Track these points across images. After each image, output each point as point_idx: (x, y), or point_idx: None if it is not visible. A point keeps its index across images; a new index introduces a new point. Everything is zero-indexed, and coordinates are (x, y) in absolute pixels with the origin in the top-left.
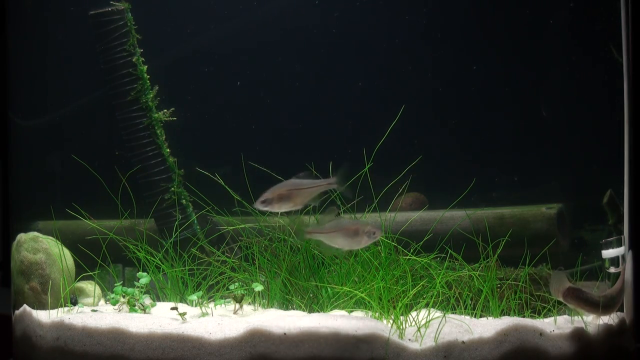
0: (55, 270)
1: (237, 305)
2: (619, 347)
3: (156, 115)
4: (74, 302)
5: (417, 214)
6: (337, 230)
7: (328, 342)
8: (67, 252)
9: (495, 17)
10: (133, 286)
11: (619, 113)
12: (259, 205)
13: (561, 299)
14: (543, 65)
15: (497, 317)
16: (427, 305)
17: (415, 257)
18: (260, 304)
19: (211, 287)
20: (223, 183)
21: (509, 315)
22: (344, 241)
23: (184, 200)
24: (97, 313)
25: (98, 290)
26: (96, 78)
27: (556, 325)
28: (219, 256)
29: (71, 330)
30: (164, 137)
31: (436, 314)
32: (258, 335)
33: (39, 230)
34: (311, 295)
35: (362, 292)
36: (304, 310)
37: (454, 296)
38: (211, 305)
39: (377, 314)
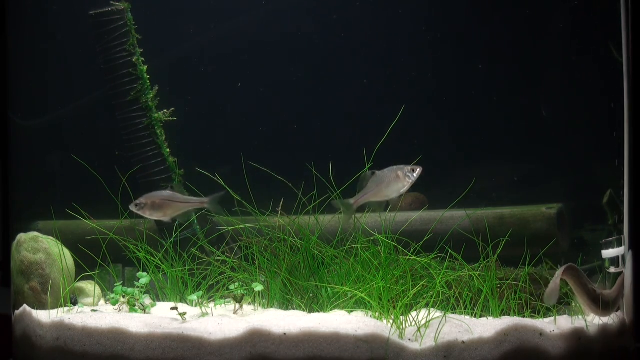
0: (55, 270)
1: (237, 305)
2: (619, 347)
3: (156, 115)
4: (74, 302)
5: (417, 214)
6: (379, 184)
7: (328, 342)
8: (67, 252)
9: (495, 17)
10: (133, 286)
11: (619, 113)
12: (132, 207)
13: (561, 277)
14: (543, 65)
15: (497, 317)
16: (427, 305)
17: (415, 257)
18: (260, 304)
19: (211, 287)
20: (223, 183)
21: (509, 315)
22: (389, 191)
23: None
24: (97, 313)
25: (98, 290)
26: (96, 78)
27: (556, 325)
28: (219, 256)
29: (71, 330)
30: (164, 137)
31: (436, 314)
32: (258, 335)
33: (39, 230)
34: (311, 295)
35: (362, 292)
36: (304, 310)
37: (454, 296)
38: (211, 305)
39: (377, 314)
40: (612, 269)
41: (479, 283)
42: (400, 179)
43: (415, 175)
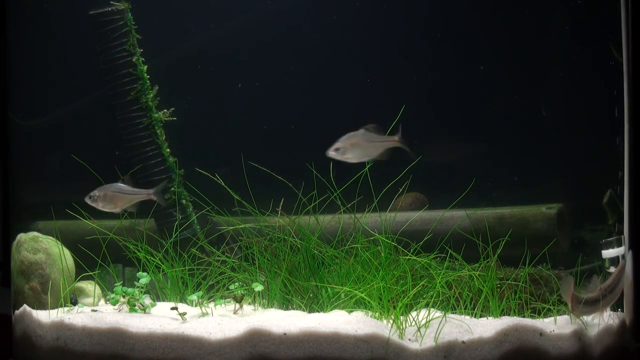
0: (55, 270)
1: (237, 305)
2: (619, 347)
3: (156, 115)
4: (74, 302)
5: (417, 214)
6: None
7: (328, 342)
8: (67, 252)
9: (495, 17)
10: (133, 286)
11: (618, 113)
12: (87, 200)
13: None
14: (543, 65)
15: (497, 317)
16: (427, 305)
17: (415, 257)
18: (260, 304)
19: (211, 287)
20: (223, 183)
21: (509, 315)
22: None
23: (184, 200)
24: (97, 313)
25: (98, 290)
26: (96, 78)
27: (556, 325)
28: (219, 256)
29: (71, 330)
30: (164, 137)
31: (436, 314)
32: (258, 335)
33: (39, 230)
34: (311, 295)
35: (362, 292)
36: (304, 310)
37: (454, 296)
38: (211, 305)
39: (377, 314)
40: (612, 269)
41: (479, 283)
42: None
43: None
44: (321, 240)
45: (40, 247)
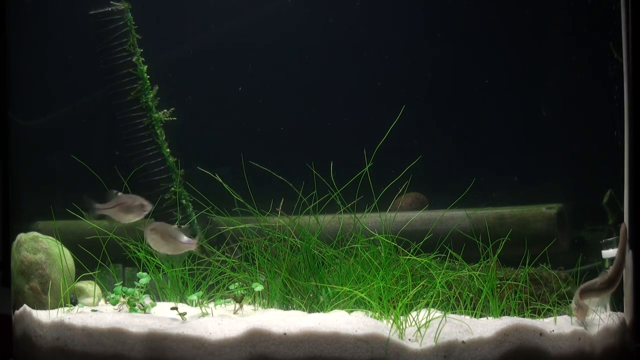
0: (55, 270)
1: (237, 305)
2: (619, 347)
3: (156, 115)
4: (74, 302)
5: (417, 214)
6: (118, 204)
7: (328, 342)
8: (67, 252)
9: (495, 17)
10: (133, 286)
11: (618, 113)
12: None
13: (581, 301)
14: (543, 65)
15: (497, 317)
16: (427, 305)
17: (415, 257)
18: (260, 304)
19: (211, 287)
20: (223, 183)
21: (509, 315)
22: (124, 216)
23: (184, 200)
24: (97, 313)
25: (98, 290)
26: (96, 78)
27: (556, 325)
28: (219, 256)
29: (71, 330)
30: (164, 137)
31: (436, 314)
32: (258, 335)
33: (39, 230)
34: (311, 295)
35: (362, 292)
36: (304, 310)
37: (454, 296)
38: (211, 305)
39: (377, 314)
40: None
41: (479, 283)
42: (134, 210)
43: (145, 210)
44: (321, 240)
45: (40, 247)
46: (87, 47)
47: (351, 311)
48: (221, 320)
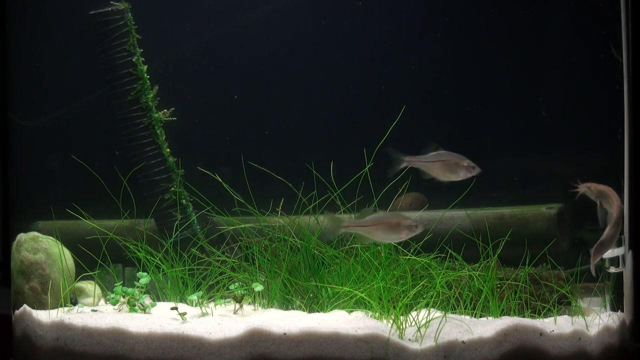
0: (55, 270)
1: (237, 305)
2: (619, 347)
3: (156, 115)
4: (74, 302)
5: (417, 214)
6: (378, 223)
7: (328, 342)
8: (67, 252)
9: (495, 17)
10: (133, 286)
11: (618, 113)
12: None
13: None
14: (543, 65)
15: (497, 317)
16: (427, 305)
17: (415, 257)
18: (260, 304)
19: (211, 287)
20: (223, 183)
21: (509, 315)
22: (383, 234)
23: (184, 200)
24: (97, 313)
25: (98, 290)
26: (96, 78)
27: (556, 325)
28: (219, 256)
29: (71, 330)
30: (164, 137)
31: (436, 314)
32: (258, 335)
33: (39, 230)
34: (311, 295)
35: (362, 292)
36: (304, 310)
37: (454, 296)
38: (211, 305)
39: (377, 314)
40: (612, 269)
41: (479, 283)
42: (399, 229)
43: (413, 232)
44: (321, 240)
45: (40, 247)
46: (87, 47)
47: (351, 311)
48: (221, 320)
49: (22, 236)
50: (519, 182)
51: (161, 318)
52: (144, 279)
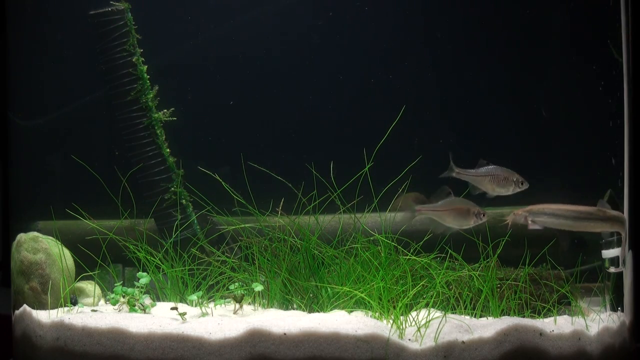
0: (55, 270)
1: (237, 305)
2: (619, 347)
3: (156, 115)
4: (74, 302)
5: None
6: (449, 209)
7: (328, 342)
8: (67, 252)
9: (495, 17)
10: (133, 286)
11: (619, 113)
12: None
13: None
14: (543, 65)
15: (497, 317)
16: (427, 305)
17: (415, 257)
18: (260, 304)
19: (211, 287)
20: (224, 183)
21: (509, 315)
22: (453, 220)
23: (184, 200)
24: (97, 313)
25: (98, 290)
26: (96, 78)
27: (556, 325)
28: (219, 256)
29: (71, 330)
30: (164, 137)
31: (436, 314)
32: (258, 335)
33: (39, 230)
34: (311, 295)
35: (362, 292)
36: (304, 310)
37: (454, 296)
38: (211, 305)
39: (377, 314)
40: (612, 269)
41: (479, 283)
42: (468, 216)
43: (481, 219)
44: (321, 240)
45: (40, 247)
46: (87, 47)
47: (351, 311)
48: (221, 320)
49: (22, 236)
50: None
51: (161, 318)
52: (144, 279)
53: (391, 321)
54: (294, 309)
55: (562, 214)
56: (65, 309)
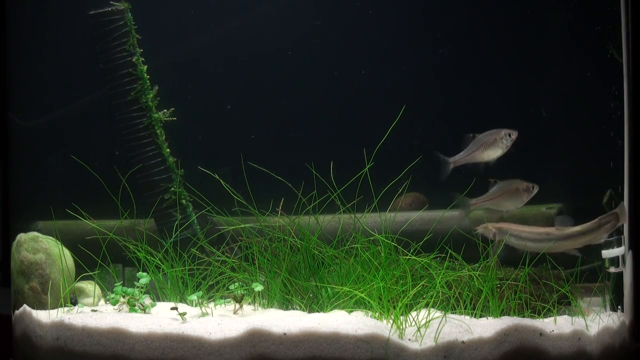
0: (55, 270)
1: (237, 305)
2: (619, 347)
3: (156, 115)
4: (74, 302)
5: (417, 214)
6: (501, 194)
7: (328, 342)
8: (67, 252)
9: (495, 17)
10: (133, 286)
11: (618, 113)
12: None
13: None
14: (543, 65)
15: (497, 317)
16: (427, 305)
17: (415, 257)
18: (260, 304)
19: (211, 287)
20: (224, 183)
21: (509, 315)
22: (508, 202)
23: (184, 200)
24: (97, 313)
25: (98, 290)
26: (96, 78)
27: (556, 325)
28: (219, 256)
29: (71, 330)
30: (164, 137)
31: (436, 314)
32: (258, 335)
33: (39, 230)
34: (311, 295)
35: (362, 292)
36: (304, 310)
37: (454, 296)
38: (211, 305)
39: (377, 314)
40: (612, 269)
41: (479, 283)
42: (519, 194)
43: (532, 192)
44: (321, 240)
45: (40, 247)
46: (87, 47)
47: (351, 311)
48: (221, 320)
49: (22, 236)
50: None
51: (161, 318)
52: (144, 279)
53: (391, 321)
54: (294, 309)
55: (522, 235)
56: (65, 309)
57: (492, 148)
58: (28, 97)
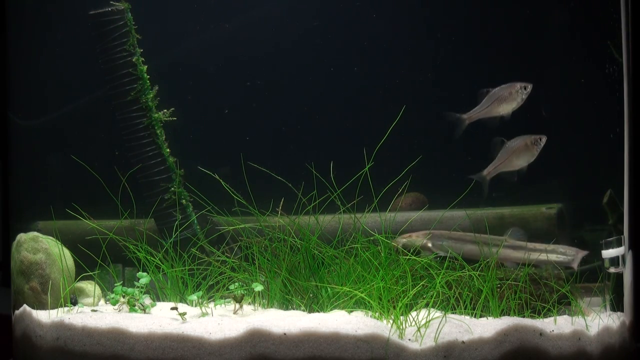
0: (55, 270)
1: (237, 305)
2: (619, 347)
3: (156, 115)
4: (74, 302)
5: (417, 214)
6: (511, 154)
7: (328, 342)
8: (67, 252)
9: (495, 17)
10: (133, 286)
11: (618, 113)
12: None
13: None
14: (543, 65)
15: (497, 317)
16: (427, 305)
17: (415, 257)
18: (260, 304)
19: (211, 287)
20: (224, 183)
21: (509, 315)
22: (519, 160)
23: (184, 200)
24: (97, 313)
25: (98, 290)
26: (96, 78)
27: (556, 325)
28: (219, 256)
29: (71, 330)
30: (164, 137)
31: (436, 314)
32: (258, 335)
33: (39, 230)
34: (311, 295)
35: (362, 292)
36: (304, 310)
37: (454, 296)
38: (211, 305)
39: (377, 314)
40: (612, 269)
41: (479, 283)
42: (529, 150)
43: (541, 144)
44: (321, 240)
45: (40, 247)
46: (87, 47)
47: (351, 311)
48: (221, 320)
49: (22, 236)
50: (519, 182)
51: (161, 318)
52: (144, 279)
53: (391, 321)
54: (294, 309)
55: (465, 238)
56: (65, 309)
57: (507, 101)
58: (28, 97)
